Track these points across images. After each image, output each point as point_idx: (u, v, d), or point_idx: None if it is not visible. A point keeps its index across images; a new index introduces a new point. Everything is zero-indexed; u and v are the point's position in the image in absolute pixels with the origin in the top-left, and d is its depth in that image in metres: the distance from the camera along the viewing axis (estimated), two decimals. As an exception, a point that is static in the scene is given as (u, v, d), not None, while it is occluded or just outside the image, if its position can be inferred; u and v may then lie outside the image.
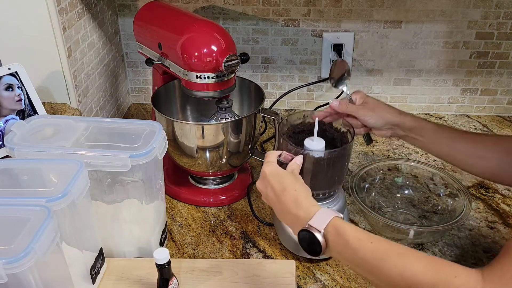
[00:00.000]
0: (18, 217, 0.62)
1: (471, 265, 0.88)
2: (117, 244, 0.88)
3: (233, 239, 0.96)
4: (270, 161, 0.78)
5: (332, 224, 0.65)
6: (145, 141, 0.79)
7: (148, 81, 1.43)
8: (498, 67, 1.32)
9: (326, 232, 0.64)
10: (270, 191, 0.74)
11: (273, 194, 0.74)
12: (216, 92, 0.93)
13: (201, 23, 0.92)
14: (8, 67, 0.91)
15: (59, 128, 0.83)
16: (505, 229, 0.96)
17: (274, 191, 0.73)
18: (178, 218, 1.02)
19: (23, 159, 0.77)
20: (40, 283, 0.60)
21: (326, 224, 0.65)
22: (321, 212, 0.67)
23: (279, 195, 0.73)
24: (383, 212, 1.00)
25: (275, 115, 0.96)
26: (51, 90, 1.04)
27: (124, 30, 1.35)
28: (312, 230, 0.65)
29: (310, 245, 0.66)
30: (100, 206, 0.83)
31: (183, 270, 0.83)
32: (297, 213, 0.69)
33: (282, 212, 0.73)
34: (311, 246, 0.66)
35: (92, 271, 0.78)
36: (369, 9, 1.26)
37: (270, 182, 0.74)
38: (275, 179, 0.74)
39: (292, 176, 0.75)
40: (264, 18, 1.29)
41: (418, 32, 1.28)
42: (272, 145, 1.24)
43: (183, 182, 1.09)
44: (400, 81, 1.36)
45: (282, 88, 1.39)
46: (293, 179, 0.74)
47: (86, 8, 1.11)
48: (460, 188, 0.96)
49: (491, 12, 1.24)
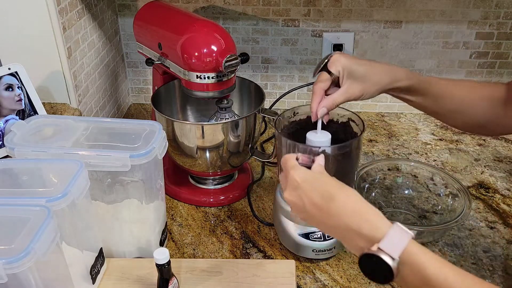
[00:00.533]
0: (18, 217, 0.62)
1: (471, 265, 0.88)
2: (117, 244, 0.88)
3: (233, 239, 0.96)
4: (294, 165, 0.65)
5: (408, 252, 0.52)
6: (145, 141, 0.79)
7: (148, 81, 1.43)
8: (498, 67, 1.32)
9: (401, 261, 0.52)
10: (309, 203, 0.61)
11: (314, 207, 0.61)
12: (216, 92, 0.93)
13: (201, 23, 0.92)
14: (8, 67, 0.91)
15: (59, 128, 0.83)
16: (505, 229, 0.96)
17: (316, 202, 0.60)
18: (178, 218, 1.02)
19: (23, 159, 0.77)
20: (40, 283, 0.60)
21: (401, 249, 0.52)
22: (395, 231, 0.54)
23: (324, 206, 0.59)
24: (383, 212, 1.00)
25: (275, 115, 0.96)
26: (51, 90, 1.04)
27: (124, 30, 1.35)
28: (382, 255, 0.52)
29: (376, 272, 0.54)
30: (100, 206, 0.83)
31: (183, 270, 0.83)
32: (359, 229, 0.56)
33: (332, 227, 0.60)
34: (378, 273, 0.54)
35: (92, 271, 0.78)
36: (369, 9, 1.26)
37: (308, 191, 0.61)
38: (313, 187, 0.61)
39: (334, 180, 0.63)
40: (264, 18, 1.29)
41: (418, 32, 1.28)
42: (272, 145, 1.24)
43: (183, 182, 1.09)
44: (400, 81, 1.36)
45: (282, 88, 1.39)
46: (337, 184, 0.62)
47: (86, 8, 1.11)
48: (460, 188, 0.96)
49: (491, 12, 1.24)
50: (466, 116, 0.80)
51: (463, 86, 0.81)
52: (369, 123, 1.36)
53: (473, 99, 0.79)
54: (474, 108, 0.79)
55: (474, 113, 0.79)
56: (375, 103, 1.40)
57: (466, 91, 0.80)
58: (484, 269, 0.87)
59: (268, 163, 1.16)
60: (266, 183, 1.12)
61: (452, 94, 0.80)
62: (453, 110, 0.81)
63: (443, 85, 0.80)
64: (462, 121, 0.82)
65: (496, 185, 1.09)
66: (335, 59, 0.76)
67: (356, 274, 0.86)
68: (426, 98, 0.80)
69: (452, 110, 0.81)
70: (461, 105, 0.80)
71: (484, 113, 0.78)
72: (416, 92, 0.79)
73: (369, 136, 1.29)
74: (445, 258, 0.89)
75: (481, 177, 1.12)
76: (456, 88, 0.80)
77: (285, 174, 0.66)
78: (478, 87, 0.80)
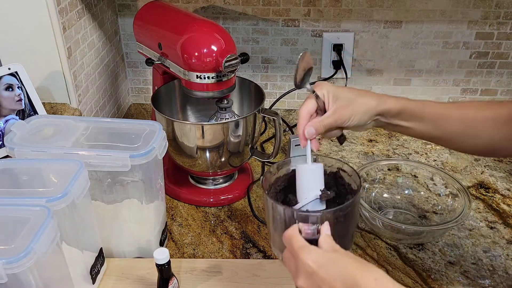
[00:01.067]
0: (18, 217, 0.62)
1: (471, 265, 0.88)
2: (117, 244, 0.88)
3: (233, 239, 0.96)
4: (303, 245, 0.57)
5: None
6: (145, 141, 0.79)
7: (148, 81, 1.43)
8: (498, 67, 1.32)
9: None
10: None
11: None
12: (216, 92, 0.93)
13: (201, 23, 0.92)
14: (8, 67, 0.91)
15: (59, 128, 0.83)
16: (505, 229, 0.96)
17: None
18: (178, 218, 1.02)
19: (23, 159, 0.77)
20: (40, 283, 0.60)
21: None
22: None
23: None
24: (383, 212, 1.00)
25: (275, 115, 0.96)
26: (51, 90, 1.04)
27: (124, 30, 1.35)
28: None
29: None
30: (100, 206, 0.83)
31: (183, 270, 0.83)
32: None
33: None
34: None
35: (92, 271, 0.78)
36: (369, 9, 1.26)
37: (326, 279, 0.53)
38: (332, 272, 0.53)
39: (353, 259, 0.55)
40: (264, 18, 1.29)
41: (418, 32, 1.28)
42: (272, 145, 1.24)
43: (183, 182, 1.09)
44: (400, 81, 1.36)
45: (282, 88, 1.39)
46: (359, 265, 0.54)
47: (86, 8, 1.11)
48: (460, 188, 0.96)
49: (491, 12, 1.24)
50: (471, 139, 0.73)
51: (463, 107, 0.75)
52: (369, 123, 1.36)
53: (475, 120, 0.73)
54: (478, 129, 0.72)
55: (479, 136, 0.72)
56: (375, 103, 1.40)
57: (466, 111, 0.74)
58: (484, 269, 0.87)
59: (268, 163, 1.16)
60: (266, 183, 1.12)
61: (451, 115, 0.74)
62: (456, 132, 0.74)
63: (441, 107, 0.75)
64: (468, 144, 0.75)
65: (496, 185, 1.09)
66: (319, 84, 0.73)
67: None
68: (424, 122, 0.73)
69: (455, 133, 0.74)
70: (464, 127, 0.73)
71: (491, 135, 0.72)
72: (410, 116, 0.73)
73: (369, 136, 1.29)
74: (445, 258, 0.89)
75: (481, 177, 1.12)
76: (454, 110, 0.74)
77: (292, 256, 0.58)
78: (480, 107, 0.74)
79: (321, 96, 0.72)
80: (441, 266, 0.88)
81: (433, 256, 0.90)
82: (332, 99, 0.72)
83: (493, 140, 0.72)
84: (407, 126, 0.74)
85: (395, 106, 0.72)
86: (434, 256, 0.90)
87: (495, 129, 0.71)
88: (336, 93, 0.72)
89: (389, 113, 0.72)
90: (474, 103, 0.77)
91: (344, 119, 0.70)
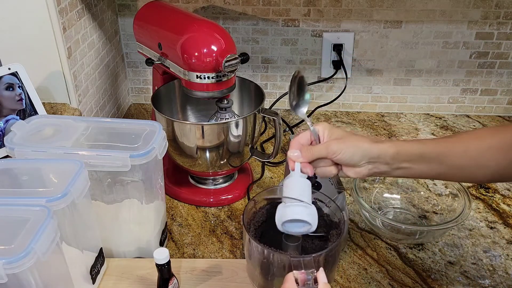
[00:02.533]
0: (18, 217, 0.62)
1: (471, 265, 0.88)
2: (117, 244, 0.88)
3: (233, 239, 0.96)
4: None
5: None
6: (145, 141, 0.79)
7: (148, 81, 1.43)
8: (498, 67, 1.32)
9: None
10: None
11: None
12: (216, 92, 0.93)
13: (201, 23, 0.92)
14: (8, 67, 0.91)
15: (59, 128, 0.83)
16: (505, 229, 0.96)
17: None
18: (178, 218, 1.02)
19: (23, 159, 0.77)
20: (40, 283, 0.60)
21: None
22: None
23: None
24: (383, 212, 1.00)
25: (275, 115, 0.96)
26: (51, 90, 1.04)
27: (124, 30, 1.35)
28: None
29: None
30: (100, 206, 0.83)
31: (183, 270, 0.83)
32: None
33: None
34: None
35: (92, 271, 0.78)
36: (369, 9, 1.26)
37: None
38: None
39: None
40: (264, 18, 1.29)
41: (418, 32, 1.28)
42: (272, 145, 1.24)
43: (183, 182, 1.09)
44: (400, 81, 1.36)
45: (282, 88, 1.39)
46: None
47: (86, 8, 1.11)
48: (460, 188, 0.96)
49: (491, 12, 1.24)
50: (479, 170, 0.71)
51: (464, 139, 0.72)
52: (369, 123, 1.36)
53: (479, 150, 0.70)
54: (484, 159, 0.70)
55: (486, 165, 0.70)
56: (375, 103, 1.40)
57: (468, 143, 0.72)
58: (484, 269, 0.87)
59: (268, 163, 1.17)
60: (266, 183, 1.12)
61: (454, 150, 0.71)
62: (462, 166, 0.71)
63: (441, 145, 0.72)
64: (477, 175, 0.72)
65: (496, 185, 1.09)
66: (319, 122, 0.75)
67: (356, 274, 0.86)
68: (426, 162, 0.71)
69: (461, 167, 0.71)
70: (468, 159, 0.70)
71: (497, 162, 0.70)
72: (410, 159, 0.70)
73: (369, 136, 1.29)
74: (445, 258, 0.89)
75: (481, 177, 1.12)
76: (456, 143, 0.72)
77: None
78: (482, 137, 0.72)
79: (317, 130, 0.73)
80: (441, 266, 0.88)
81: (433, 256, 0.90)
82: (328, 134, 0.73)
83: (500, 167, 0.70)
84: (411, 167, 0.71)
85: (390, 149, 0.70)
86: (434, 256, 0.90)
87: (501, 156, 0.69)
88: (332, 130, 0.73)
89: (387, 155, 0.70)
90: (474, 133, 0.75)
91: (334, 149, 0.69)
